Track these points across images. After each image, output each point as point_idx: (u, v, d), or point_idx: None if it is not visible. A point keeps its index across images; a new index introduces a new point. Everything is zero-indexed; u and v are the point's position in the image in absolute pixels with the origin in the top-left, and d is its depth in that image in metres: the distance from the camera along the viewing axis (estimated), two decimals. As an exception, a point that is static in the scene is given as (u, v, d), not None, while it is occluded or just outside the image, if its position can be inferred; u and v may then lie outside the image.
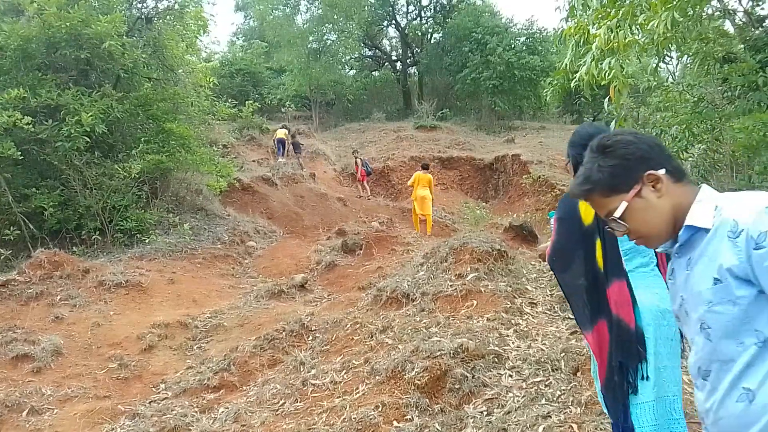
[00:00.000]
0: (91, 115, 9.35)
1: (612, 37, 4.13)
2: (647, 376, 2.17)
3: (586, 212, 2.26)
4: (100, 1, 10.62)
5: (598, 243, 2.25)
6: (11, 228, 9.16)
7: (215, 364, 5.68)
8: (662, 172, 1.44)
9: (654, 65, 4.62)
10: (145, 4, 12.15)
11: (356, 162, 17.46)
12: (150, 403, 5.21)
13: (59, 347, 6.06)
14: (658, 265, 2.37)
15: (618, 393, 2.19)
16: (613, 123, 4.83)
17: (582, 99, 13.74)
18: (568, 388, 3.62)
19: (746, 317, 1.32)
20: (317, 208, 14.95)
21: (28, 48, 9.79)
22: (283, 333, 6.16)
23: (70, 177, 9.62)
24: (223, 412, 4.71)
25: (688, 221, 1.41)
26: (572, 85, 4.61)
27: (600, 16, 4.39)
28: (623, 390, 2.19)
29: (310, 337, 6.13)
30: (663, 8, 3.93)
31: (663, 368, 2.19)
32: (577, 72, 5.78)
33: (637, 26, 4.31)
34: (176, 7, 11.72)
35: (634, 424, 2.17)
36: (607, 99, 4.31)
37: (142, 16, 11.89)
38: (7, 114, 8.75)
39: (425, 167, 13.32)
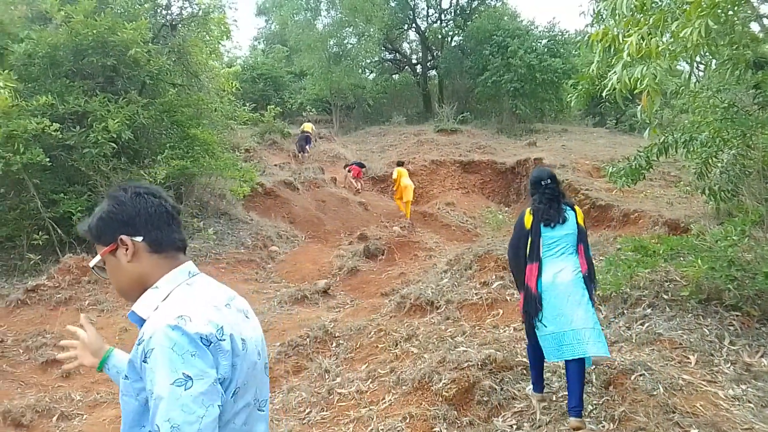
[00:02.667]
0: (117, 122, 9.48)
1: (644, 44, 4.06)
2: (542, 319, 3.50)
3: (527, 220, 3.69)
4: (126, 8, 10.75)
5: (530, 240, 3.64)
6: (40, 233, 9.32)
7: (240, 370, 5.70)
8: (139, 239, 1.49)
9: (687, 74, 4.54)
10: (169, 11, 12.30)
11: (347, 170, 17.66)
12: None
13: (89, 352, 6.14)
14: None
15: (527, 328, 3.72)
16: (646, 131, 4.76)
17: (607, 103, 13.55)
18: (600, 402, 3.56)
19: (143, 411, 1.36)
20: (338, 212, 14.97)
21: (56, 55, 9.94)
22: (307, 339, 6.18)
23: (97, 182, 9.75)
24: (249, 419, 4.72)
25: (134, 306, 1.47)
26: (604, 94, 4.53)
27: (630, 23, 4.32)
28: (528, 326, 3.66)
29: (334, 344, 6.13)
30: (696, 15, 3.85)
31: (556, 315, 3.48)
32: (603, 77, 5.72)
33: (669, 33, 4.23)
34: (200, 13, 11.83)
35: (542, 345, 3.56)
36: (639, 107, 4.24)
37: (167, 23, 12.02)
38: (36, 121, 8.88)
39: (401, 163, 15.70)
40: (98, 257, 1.57)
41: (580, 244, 3.60)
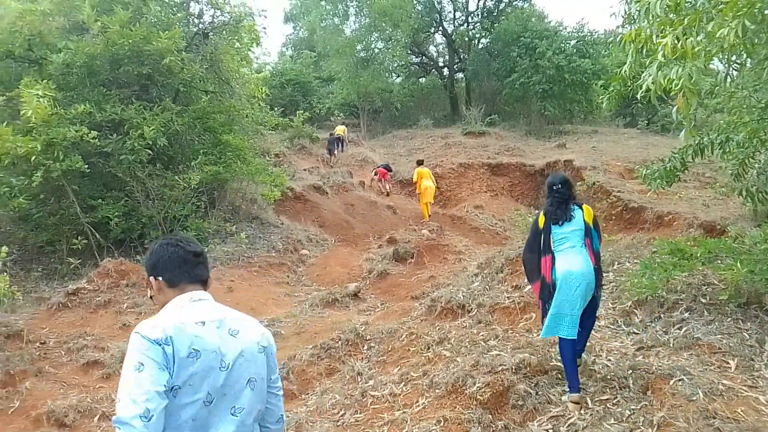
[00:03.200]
0: (152, 129, 9.72)
1: (679, 45, 4.01)
2: (553, 303, 3.96)
3: (540, 221, 4.16)
4: (160, 18, 11.00)
5: (542, 237, 4.12)
6: (79, 238, 9.60)
7: (274, 372, 5.77)
8: (160, 278, 1.98)
9: (723, 74, 4.45)
10: (202, 20, 12.55)
11: (374, 173, 17.81)
12: (213, 410, 5.34)
13: (127, 354, 6.29)
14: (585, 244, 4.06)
15: (543, 314, 4.10)
16: (682, 133, 4.69)
17: (640, 104, 13.37)
18: (638, 407, 3.52)
19: None
20: (367, 216, 15.05)
21: (94, 65, 10.23)
22: (339, 342, 6.23)
23: (133, 188, 10.01)
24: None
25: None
26: (638, 95, 4.49)
27: (664, 24, 4.27)
28: (543, 311, 4.09)
29: (366, 347, 6.17)
30: (733, 15, 3.79)
31: (563, 301, 3.92)
32: (636, 78, 5.65)
33: (704, 34, 4.17)
34: (231, 21, 12.04)
35: (545, 323, 4.03)
36: (675, 109, 4.18)
37: (200, 32, 12.27)
38: (75, 129, 9.16)
39: (420, 162, 15.39)
40: (149, 290, 2.08)
41: (587, 239, 4.07)
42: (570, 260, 3.98)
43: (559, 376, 4.11)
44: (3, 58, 9.84)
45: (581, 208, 4.15)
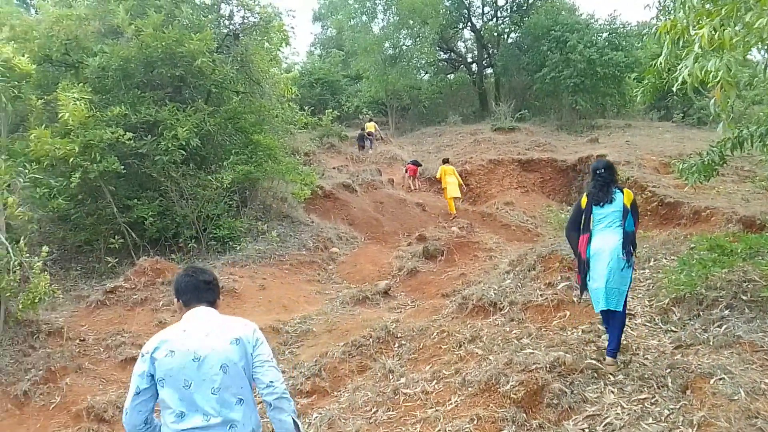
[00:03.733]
0: (185, 130, 9.89)
1: (716, 36, 3.90)
2: (590, 278, 4.40)
3: (583, 202, 4.56)
4: (192, 20, 11.17)
5: (583, 217, 4.53)
6: (116, 237, 9.84)
7: (307, 369, 5.82)
8: (179, 301, 2.68)
9: (763, 65, 4.30)
10: (232, 21, 12.69)
11: (405, 170, 17.98)
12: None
13: (163, 351, 6.42)
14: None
15: (581, 284, 4.54)
16: (720, 125, 4.56)
17: (676, 97, 13.04)
18: (677, 407, 3.44)
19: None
20: (396, 213, 15.04)
21: (128, 68, 10.46)
22: (370, 339, 6.23)
23: (167, 188, 10.20)
24: (317, 417, 4.82)
25: None
26: (674, 88, 4.38)
27: (701, 14, 4.15)
28: (583, 282, 4.49)
29: (397, 345, 6.16)
30: (773, 3, 3.66)
31: (599, 275, 4.32)
32: (671, 70, 5.50)
33: (742, 24, 4.04)
34: (261, 22, 12.15)
35: (591, 296, 4.49)
36: (712, 101, 4.06)
37: (230, 33, 12.42)
38: (111, 130, 9.38)
39: (446, 161, 15.57)
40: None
41: (624, 221, 4.42)
42: (604, 238, 4.39)
43: (595, 375, 4.05)
44: (41, 62, 10.11)
45: (622, 191, 4.47)
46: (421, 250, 10.33)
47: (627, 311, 5.27)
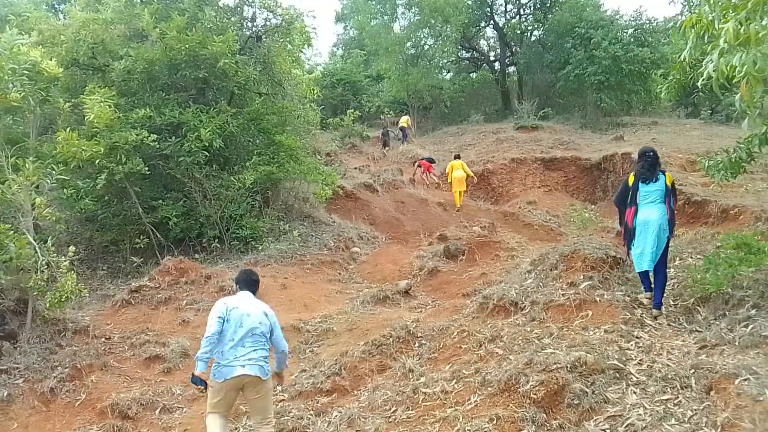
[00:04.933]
0: (209, 131, 10.02)
1: (742, 30, 3.81)
2: (634, 245, 5.41)
3: (630, 180, 5.51)
4: (215, 23, 11.30)
5: (630, 193, 5.46)
6: (141, 237, 10.01)
7: (327, 368, 5.85)
8: (237, 286, 4.64)
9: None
10: (255, 23, 12.82)
11: (416, 165, 17.88)
12: (269, 404, 5.46)
13: (187, 349, 6.53)
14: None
15: (627, 250, 5.59)
16: (745, 122, 4.45)
17: (701, 93, 12.76)
18: (701, 408, 3.37)
19: None
20: (417, 213, 15.01)
21: (153, 70, 10.64)
22: (390, 339, 6.23)
23: (191, 189, 10.35)
24: (336, 416, 4.85)
25: None
26: (699, 83, 4.30)
27: (726, 9, 4.07)
28: (628, 248, 5.55)
29: (417, 344, 6.16)
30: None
31: (643, 242, 5.30)
32: (696, 66, 5.39)
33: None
34: (283, 24, 12.24)
35: (633, 260, 5.52)
36: (738, 96, 3.98)
37: (253, 35, 12.54)
38: (136, 132, 9.55)
39: (457, 156, 16.23)
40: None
41: (667, 198, 5.35)
42: (650, 211, 5.29)
43: (617, 375, 3.99)
44: (68, 66, 10.32)
45: (664, 174, 5.43)
46: (442, 249, 10.28)
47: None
